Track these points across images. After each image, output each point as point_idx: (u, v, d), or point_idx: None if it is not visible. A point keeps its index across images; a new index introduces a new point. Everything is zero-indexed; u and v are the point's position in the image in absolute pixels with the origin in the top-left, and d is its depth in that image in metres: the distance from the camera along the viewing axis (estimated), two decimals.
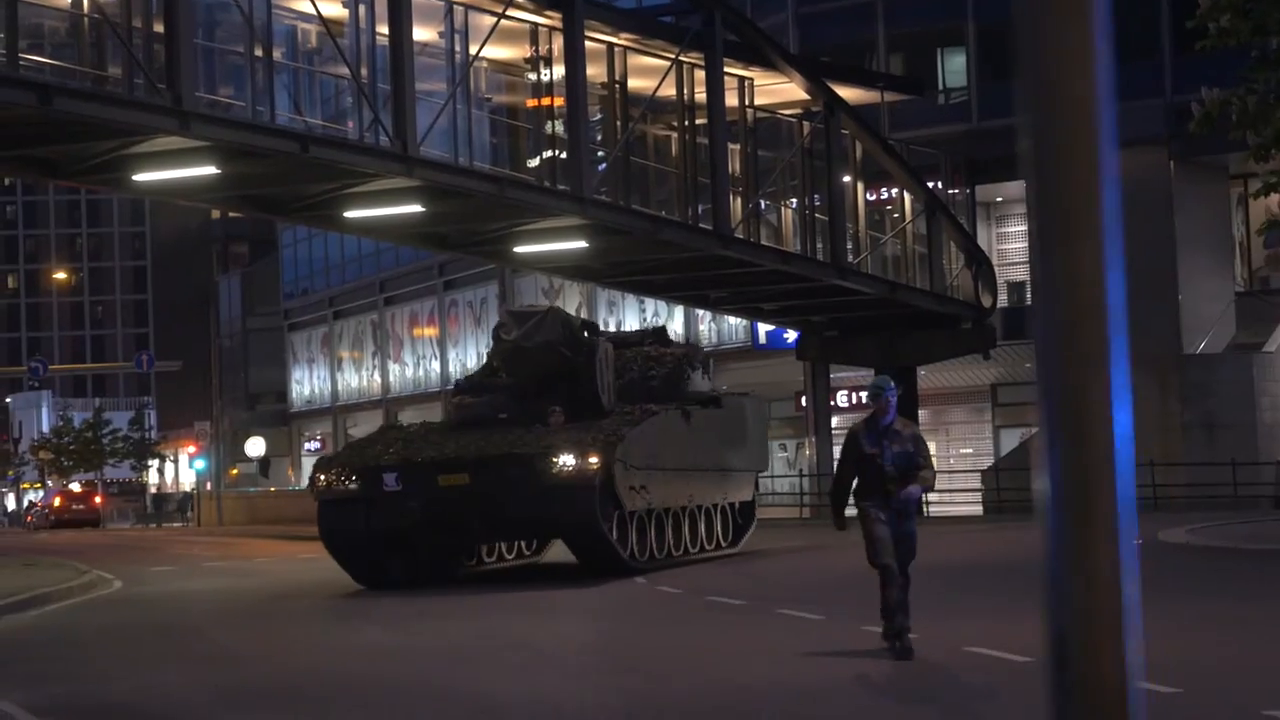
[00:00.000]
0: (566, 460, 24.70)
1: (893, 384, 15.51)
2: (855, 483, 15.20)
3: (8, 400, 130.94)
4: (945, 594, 20.92)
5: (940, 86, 56.47)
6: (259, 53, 29.51)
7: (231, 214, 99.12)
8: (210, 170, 29.84)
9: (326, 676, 16.00)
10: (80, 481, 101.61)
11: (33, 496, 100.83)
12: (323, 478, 25.87)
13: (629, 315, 63.27)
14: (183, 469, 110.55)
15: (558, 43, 35.05)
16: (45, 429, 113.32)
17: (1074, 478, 1.86)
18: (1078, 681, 1.84)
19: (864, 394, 54.99)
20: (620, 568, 25.54)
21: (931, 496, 48.70)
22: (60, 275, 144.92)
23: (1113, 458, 1.84)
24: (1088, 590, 1.86)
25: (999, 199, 55.80)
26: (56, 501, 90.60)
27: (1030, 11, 1.81)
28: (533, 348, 27.04)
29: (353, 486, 25.40)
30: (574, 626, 19.46)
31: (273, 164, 30.55)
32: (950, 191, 52.53)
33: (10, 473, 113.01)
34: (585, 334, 28.65)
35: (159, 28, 27.53)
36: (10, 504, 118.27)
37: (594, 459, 24.75)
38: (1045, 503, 1.91)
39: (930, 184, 47.74)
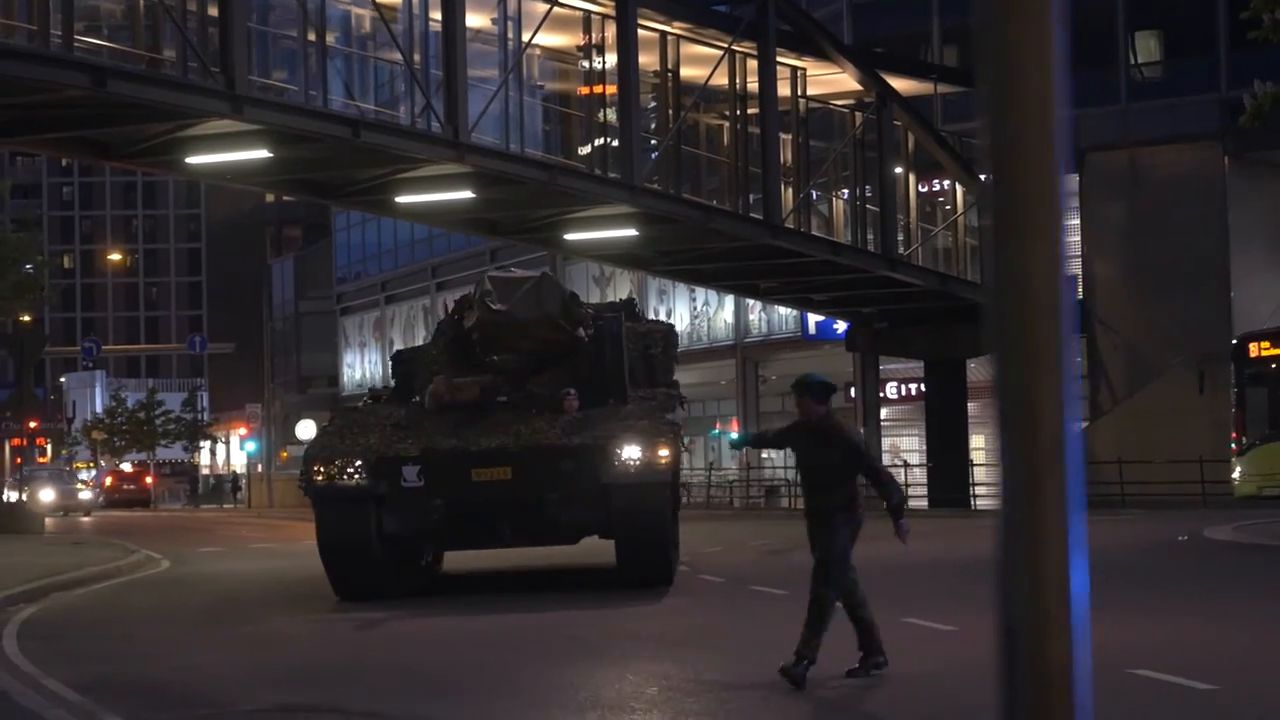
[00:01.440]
0: (632, 453, 20.94)
1: (814, 377, 13.85)
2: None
3: (62, 380, 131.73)
4: (986, 585, 20.91)
5: None
6: (312, 37, 29.64)
7: (285, 198, 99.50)
8: (262, 154, 29.99)
9: (371, 659, 16.11)
10: (132, 462, 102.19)
11: (85, 476, 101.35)
12: (320, 470, 21.04)
13: (679, 304, 63.29)
14: (234, 451, 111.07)
15: (610, 31, 35.09)
16: (99, 409, 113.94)
17: (1024, 473, 1.91)
18: (1026, 671, 1.89)
19: (915, 386, 55.10)
20: (668, 576, 21.91)
21: (983, 489, 48.65)
22: (115, 256, 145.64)
23: (1062, 454, 1.89)
24: (1036, 583, 1.91)
25: None
26: (108, 481, 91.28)
27: (990, 16, 1.85)
28: (529, 321, 22.56)
29: (361, 481, 20.81)
30: (616, 614, 19.51)
31: (324, 148, 30.68)
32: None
33: (64, 452, 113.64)
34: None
35: (213, 11, 27.67)
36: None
37: (664, 452, 21.19)
38: (999, 497, 1.97)
39: (982, 176, 47.53)
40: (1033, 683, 1.88)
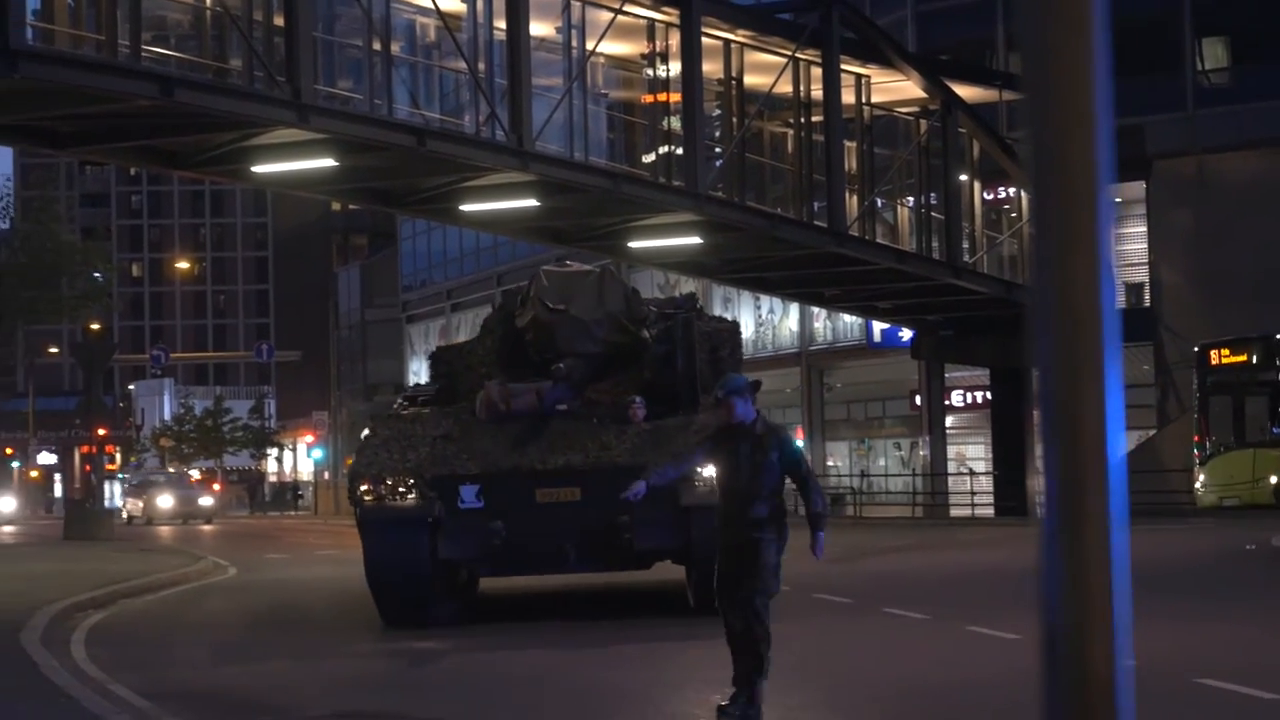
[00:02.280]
0: (713, 471, 18.93)
1: (740, 379, 12.72)
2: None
3: (131, 387, 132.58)
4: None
5: None
6: (377, 46, 29.76)
7: (351, 206, 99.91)
8: (328, 163, 30.13)
9: (435, 667, 16.16)
10: (200, 469, 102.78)
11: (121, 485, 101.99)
12: (368, 489, 19.15)
13: (744, 311, 63.28)
14: (300, 458, 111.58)
15: (674, 39, 35.10)
16: (167, 416, 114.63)
17: (1068, 480, 1.91)
18: (1067, 674, 1.89)
19: (980, 393, 54.90)
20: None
21: None
22: (183, 265, 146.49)
23: (1105, 460, 1.89)
24: (1079, 588, 1.92)
25: (1118, 200, 55.27)
26: None
27: (1031, 25, 1.86)
28: (590, 320, 20.76)
29: (414, 501, 18.93)
30: (677, 620, 19.51)
31: (390, 157, 30.80)
32: None
33: (132, 459, 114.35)
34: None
35: (279, 21, 27.82)
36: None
37: None
38: (1043, 504, 1.97)
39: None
40: (1074, 691, 1.89)
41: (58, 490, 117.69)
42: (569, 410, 19.79)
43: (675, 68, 35.36)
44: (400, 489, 18.95)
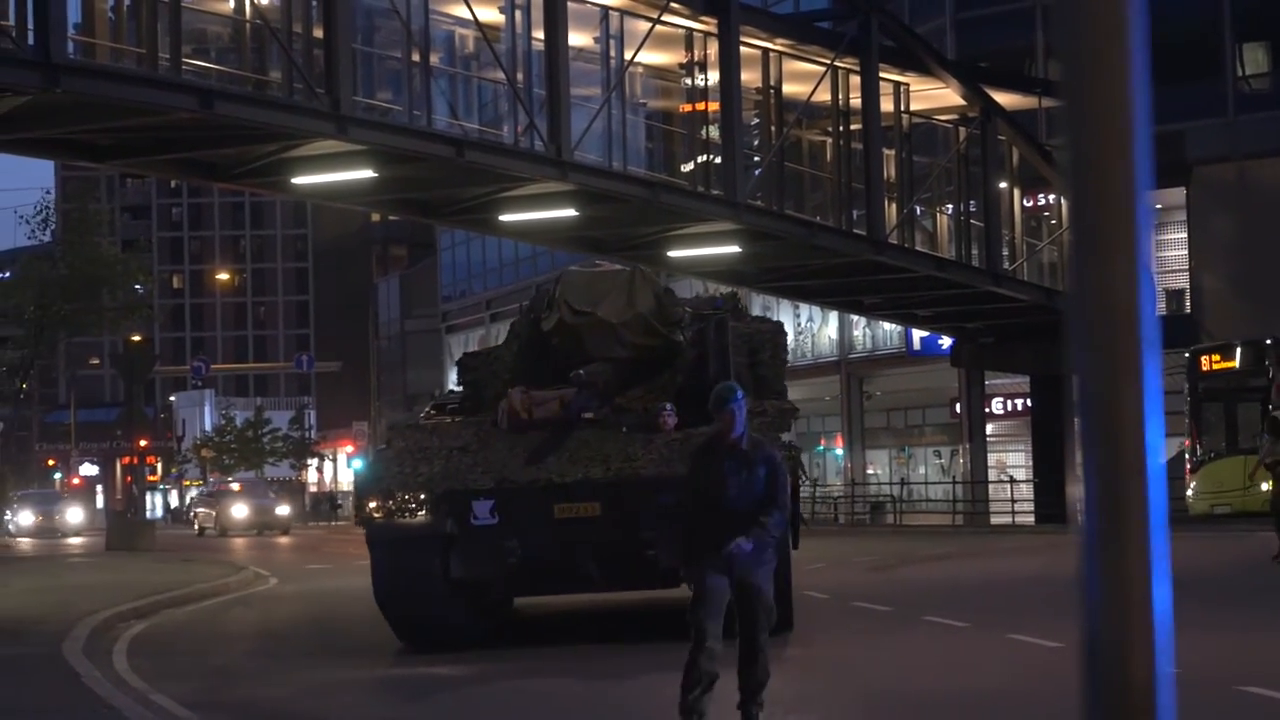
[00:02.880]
0: None
1: (740, 394, 11.57)
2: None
3: (172, 399, 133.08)
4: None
5: None
6: (416, 58, 29.85)
7: (390, 217, 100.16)
8: (367, 174, 30.23)
9: (482, 674, 16.17)
10: (240, 480, 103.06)
11: (194, 494, 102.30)
12: (376, 505, 17.80)
13: (783, 319, 63.14)
14: (341, 468, 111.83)
15: (713, 48, 35.12)
16: (208, 427, 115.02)
17: (1107, 485, 1.91)
18: (1107, 684, 1.89)
19: (1020, 401, 54.78)
20: (787, 621, 17.21)
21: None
22: (224, 276, 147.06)
23: (1144, 467, 1.89)
24: (1119, 595, 1.91)
25: (1158, 206, 55.12)
26: None
27: (1068, 31, 1.86)
28: (618, 323, 19.40)
29: (424, 518, 17.55)
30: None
31: (429, 168, 30.89)
32: None
33: (173, 469, 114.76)
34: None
35: (318, 33, 27.93)
36: (173, 501, 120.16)
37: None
38: (1081, 510, 1.97)
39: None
40: (1115, 700, 1.89)
41: (99, 501, 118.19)
42: (595, 419, 18.41)
43: (714, 77, 35.38)
44: (411, 505, 17.58)
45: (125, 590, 26.62)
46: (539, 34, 31.45)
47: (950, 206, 43.75)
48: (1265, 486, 31.49)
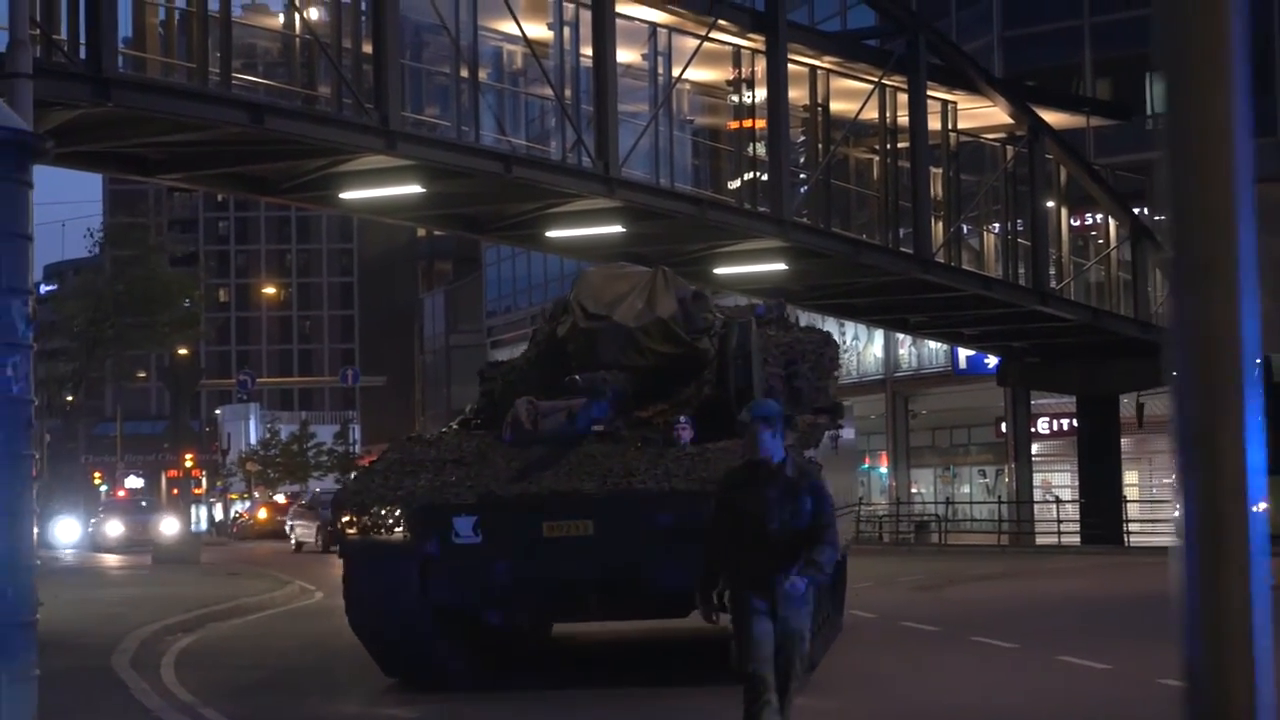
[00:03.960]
0: None
1: (772, 405, 10.87)
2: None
3: (217, 412, 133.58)
4: (1146, 623, 20.71)
5: (1148, 111, 55.71)
6: (464, 74, 29.91)
7: (436, 232, 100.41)
8: (415, 189, 30.30)
9: (530, 683, 16.16)
10: (285, 494, 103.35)
11: (239, 507, 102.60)
12: (350, 520, 16.19)
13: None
14: None
15: (760, 65, 35.12)
16: (253, 441, 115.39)
17: (1206, 512, 1.89)
18: (1209, 709, 1.87)
19: (1067, 421, 54.59)
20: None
21: (1136, 525, 47.98)
22: (270, 290, 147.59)
23: (1244, 493, 1.87)
24: (1219, 620, 1.89)
25: None
26: (261, 514, 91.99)
27: (1169, 46, 1.85)
28: (637, 329, 17.76)
29: (401, 536, 15.94)
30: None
31: (476, 183, 30.94)
32: (1156, 218, 51.77)
33: (219, 483, 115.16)
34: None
35: (367, 49, 28.02)
36: (218, 514, 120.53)
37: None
38: (1180, 536, 1.95)
39: (1136, 210, 47.16)
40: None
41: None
42: (606, 431, 16.90)
43: (761, 94, 35.37)
44: (387, 521, 15.92)
45: (172, 603, 26.71)
46: (587, 50, 31.49)
47: (997, 225, 43.64)
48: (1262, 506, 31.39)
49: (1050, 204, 43.56)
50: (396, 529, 15.83)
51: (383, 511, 15.88)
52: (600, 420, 16.91)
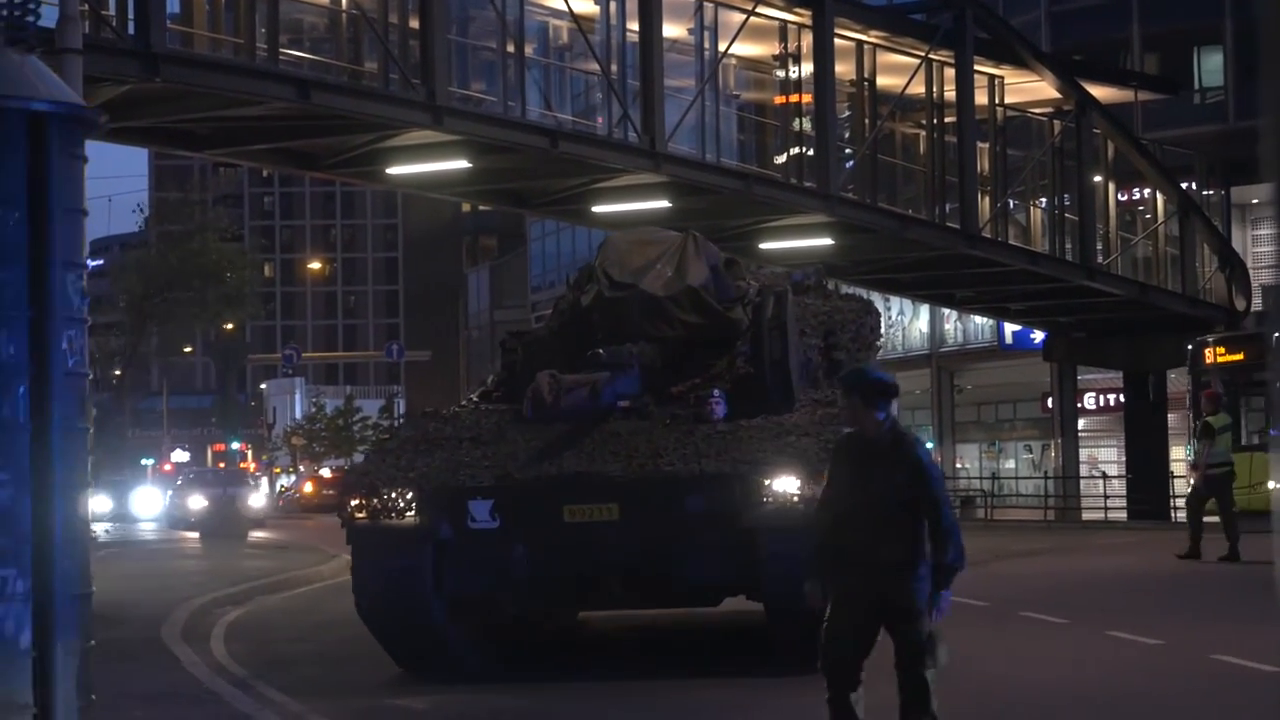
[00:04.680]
0: (788, 485, 14.52)
1: (871, 373, 9.85)
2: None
3: (263, 387, 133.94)
4: (1195, 598, 20.63)
5: (1196, 86, 55.44)
6: (511, 49, 29.91)
7: (481, 207, 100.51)
8: (461, 164, 30.33)
9: (584, 660, 16.18)
10: (331, 468, 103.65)
11: (284, 481, 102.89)
12: (358, 504, 15.07)
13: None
14: None
15: (807, 40, 35.03)
16: (298, 415, 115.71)
17: None
18: None
19: (1113, 396, 54.39)
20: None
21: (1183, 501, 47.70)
22: (315, 265, 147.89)
23: None
24: None
25: (1254, 200, 54.59)
26: (308, 487, 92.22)
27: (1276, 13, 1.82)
28: (666, 298, 16.50)
29: (413, 520, 14.90)
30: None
31: (522, 159, 30.96)
32: (1204, 193, 51.54)
33: (264, 457, 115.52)
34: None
35: (414, 24, 28.03)
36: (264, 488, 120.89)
37: None
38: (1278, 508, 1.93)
39: (1184, 185, 46.93)
40: None
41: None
42: (632, 407, 15.79)
43: (807, 69, 35.30)
44: (398, 504, 14.88)
45: (219, 577, 26.83)
46: (633, 25, 31.47)
47: (1044, 200, 43.47)
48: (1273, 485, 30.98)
49: (1097, 179, 43.37)
50: (408, 513, 14.83)
51: (393, 494, 14.86)
52: (626, 395, 15.91)
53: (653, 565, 14.78)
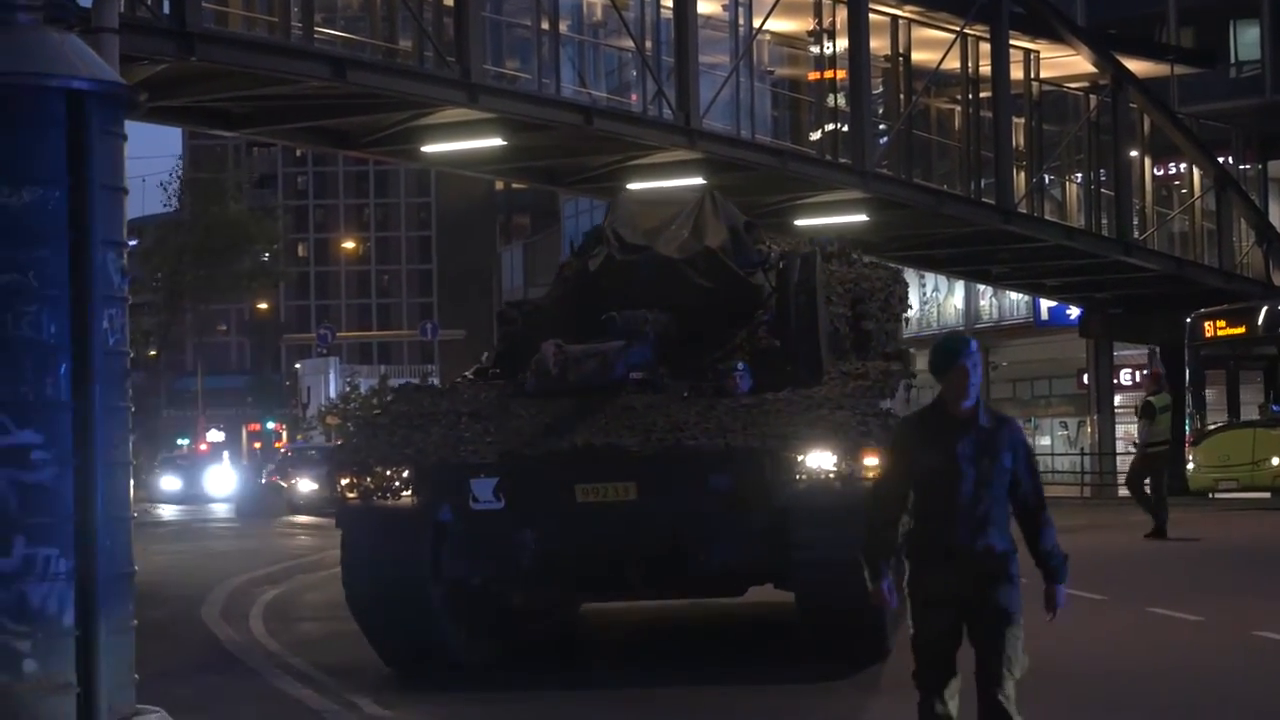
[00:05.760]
0: (823, 461, 13.29)
1: (974, 344, 8.49)
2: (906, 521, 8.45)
3: (297, 366, 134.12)
4: (1232, 574, 20.57)
5: (1232, 59, 55.13)
6: (545, 26, 29.85)
7: (514, 185, 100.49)
8: (496, 142, 30.28)
9: (620, 637, 16.17)
10: None
11: None
12: (350, 483, 13.84)
13: (909, 288, 62.83)
14: None
15: (841, 15, 34.92)
16: (333, 394, 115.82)
17: None
18: None
19: (1146, 371, 54.08)
20: (877, 648, 13.69)
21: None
22: (348, 244, 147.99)
23: None
24: None
25: (1273, 178, 54.34)
26: None
27: None
28: (683, 261, 15.24)
29: (409, 500, 13.65)
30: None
31: (557, 136, 30.91)
32: (1241, 167, 51.30)
33: (300, 436, 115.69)
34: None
35: (448, 2, 27.98)
36: None
37: (872, 460, 12.92)
38: None
39: (1220, 159, 46.68)
40: None
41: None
42: (646, 380, 14.53)
43: (842, 44, 35.19)
44: (393, 483, 13.60)
45: (258, 556, 26.92)
46: (667, 1, 31.38)
47: (1080, 175, 43.30)
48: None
49: (1134, 153, 43.19)
50: (404, 493, 13.55)
51: (388, 472, 13.56)
52: (640, 366, 14.55)
53: (673, 550, 13.53)
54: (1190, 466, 36.71)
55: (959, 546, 8.19)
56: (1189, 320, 37.67)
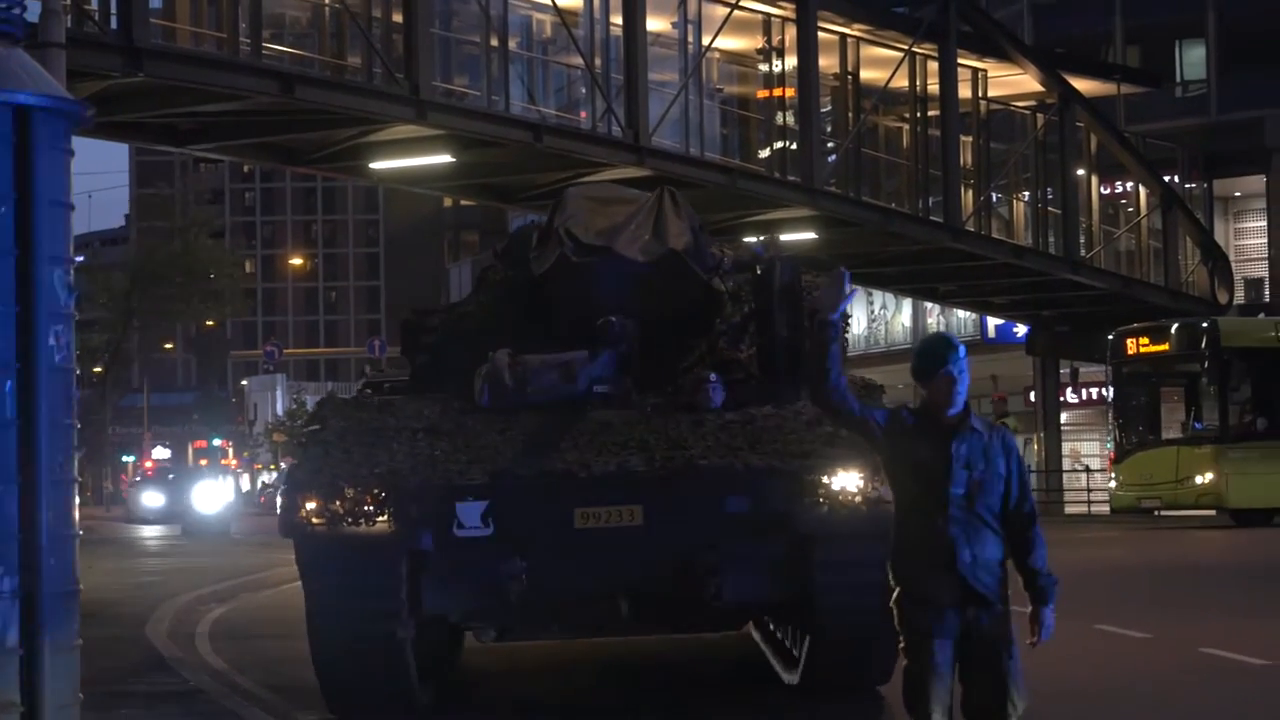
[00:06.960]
0: (850, 483, 12.14)
1: (961, 349, 7.80)
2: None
3: (244, 383, 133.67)
4: (1181, 592, 20.64)
5: (1178, 79, 55.47)
6: (494, 42, 29.84)
7: (463, 203, 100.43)
8: (445, 159, 30.26)
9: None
10: None
11: (266, 478, 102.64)
12: (316, 508, 12.15)
13: (856, 306, 63.05)
14: None
15: (790, 33, 35.01)
16: (279, 411, 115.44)
17: None
18: None
19: (1097, 390, 54.36)
20: (886, 673, 12.27)
21: None
22: (296, 261, 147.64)
23: None
24: None
25: (1237, 194, 54.67)
26: None
27: None
28: (646, 263, 13.50)
29: (385, 526, 12.04)
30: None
31: (506, 153, 30.88)
32: (1187, 186, 51.61)
33: (245, 454, 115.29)
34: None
35: (397, 18, 27.95)
36: (244, 485, 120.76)
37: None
38: None
39: (1166, 178, 46.95)
40: None
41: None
42: (611, 394, 13.03)
43: (791, 62, 35.29)
44: (367, 507, 11.99)
45: (205, 574, 26.77)
46: (617, 19, 31.41)
47: (1027, 194, 43.50)
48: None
49: (1081, 172, 43.41)
50: (379, 518, 11.96)
51: (362, 495, 11.99)
52: (604, 379, 13.07)
53: (682, 581, 12.16)
54: (1113, 485, 36.63)
55: (949, 554, 7.44)
56: (1110, 337, 37.20)
